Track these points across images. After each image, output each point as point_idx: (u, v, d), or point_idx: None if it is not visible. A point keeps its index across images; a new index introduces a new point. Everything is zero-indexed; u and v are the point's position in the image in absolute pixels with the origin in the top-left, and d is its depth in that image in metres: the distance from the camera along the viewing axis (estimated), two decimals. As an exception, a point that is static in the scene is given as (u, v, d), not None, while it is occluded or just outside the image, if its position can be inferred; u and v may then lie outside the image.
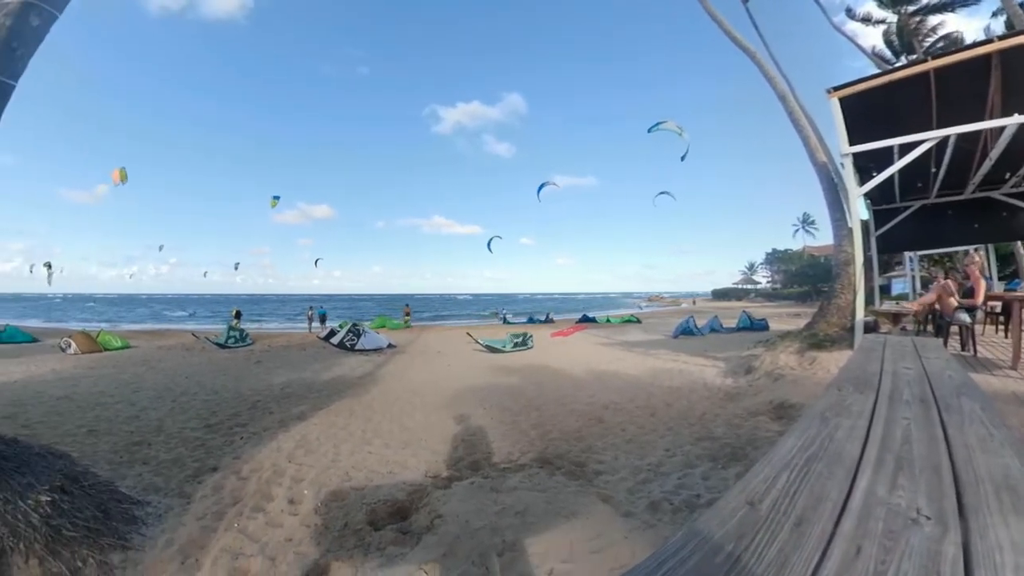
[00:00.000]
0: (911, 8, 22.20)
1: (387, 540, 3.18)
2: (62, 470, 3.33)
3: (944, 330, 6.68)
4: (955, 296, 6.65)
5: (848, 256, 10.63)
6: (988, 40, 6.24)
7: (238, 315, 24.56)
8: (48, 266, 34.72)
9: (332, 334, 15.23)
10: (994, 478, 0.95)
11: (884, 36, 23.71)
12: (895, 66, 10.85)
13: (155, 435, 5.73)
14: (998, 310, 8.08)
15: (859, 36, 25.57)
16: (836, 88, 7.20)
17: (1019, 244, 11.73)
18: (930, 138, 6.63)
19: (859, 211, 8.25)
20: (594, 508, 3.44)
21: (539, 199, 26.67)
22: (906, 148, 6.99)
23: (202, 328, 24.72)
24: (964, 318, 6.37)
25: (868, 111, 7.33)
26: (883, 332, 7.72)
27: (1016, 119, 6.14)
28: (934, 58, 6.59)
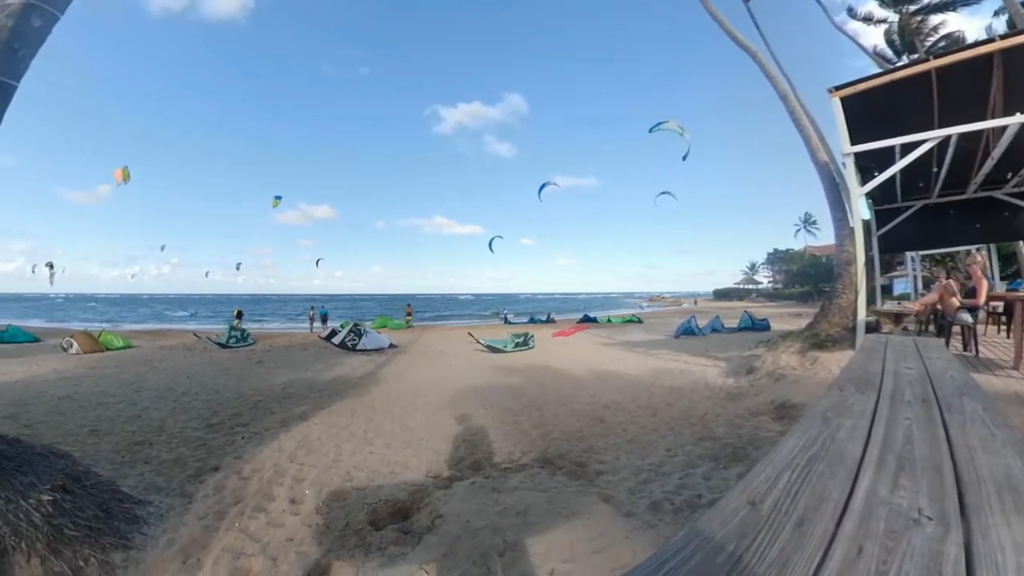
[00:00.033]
0: (912, 7, 22.18)
1: (388, 540, 3.18)
2: (64, 470, 3.34)
3: (946, 330, 6.66)
4: (957, 296, 6.63)
5: (850, 256, 10.61)
6: (990, 39, 6.23)
7: (240, 315, 24.60)
8: (50, 266, 34.80)
9: (333, 334, 15.24)
10: (996, 478, 0.95)
11: (885, 35, 23.71)
12: (896, 65, 10.83)
13: (157, 435, 5.74)
14: (1000, 310, 8.06)
15: (860, 35, 25.55)
16: (837, 88, 7.19)
17: (1021, 244, 11.69)
18: (932, 138, 6.62)
19: (861, 211, 8.24)
20: (595, 508, 3.44)
21: (540, 199, 26.72)
22: (908, 148, 6.97)
23: (204, 328, 24.77)
24: (966, 318, 6.35)
25: (869, 111, 7.32)
26: (885, 332, 7.71)
27: (1018, 118, 6.12)
28: (936, 57, 6.58)
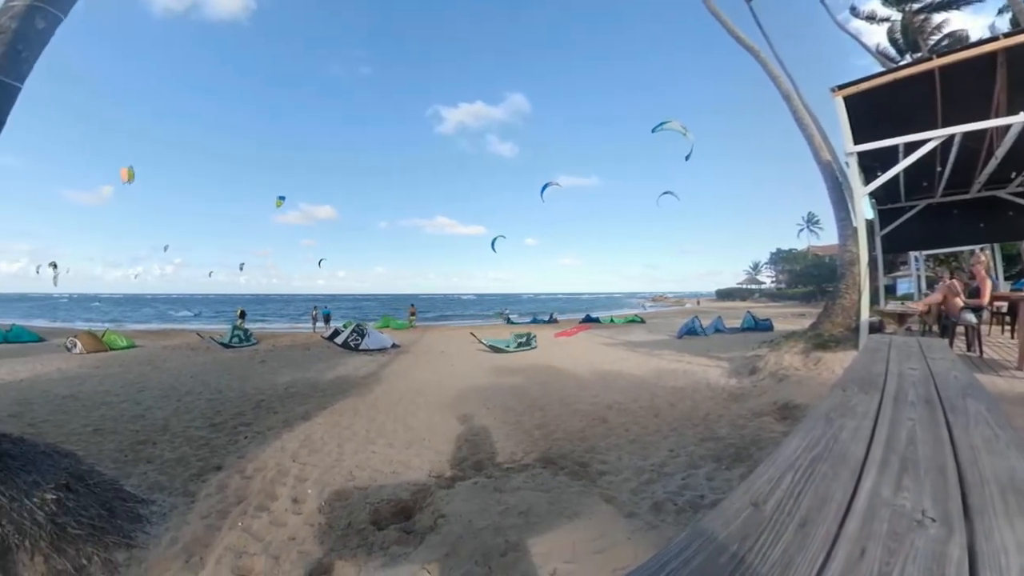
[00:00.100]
0: (915, 6, 22.09)
1: (390, 540, 3.19)
2: (68, 468, 3.35)
3: (950, 330, 6.63)
4: (961, 296, 6.60)
5: (853, 256, 10.56)
6: (994, 37, 6.18)
7: (243, 315, 24.71)
8: (54, 266, 34.94)
9: (336, 334, 15.28)
10: (1000, 480, 0.95)
11: (888, 34, 23.62)
12: (900, 64, 10.80)
13: (160, 434, 5.77)
14: (1004, 310, 8.02)
15: (863, 34, 25.41)
16: (840, 87, 7.15)
17: (1025, 244, 11.66)
18: (935, 137, 6.58)
19: (864, 210, 8.21)
20: (597, 508, 3.44)
21: (543, 200, 26.75)
22: (911, 147, 6.93)
23: (207, 328, 24.86)
24: (970, 318, 6.32)
25: (873, 110, 7.28)
26: (888, 332, 7.68)
27: (1022, 117, 6.08)
28: (939, 56, 6.54)
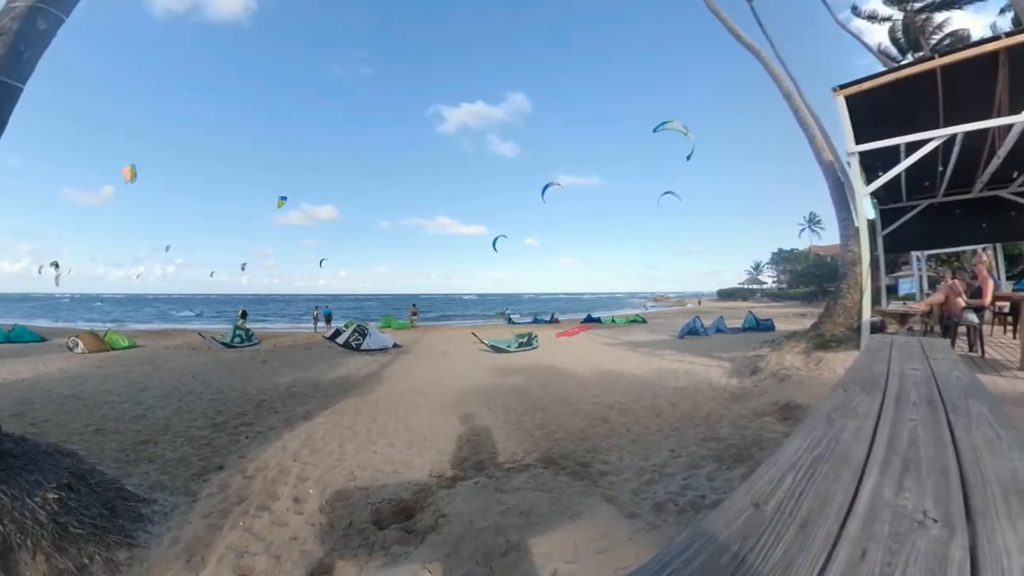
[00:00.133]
0: (917, 5, 22.04)
1: (391, 539, 3.19)
2: (69, 468, 3.36)
3: (951, 331, 6.62)
4: (963, 296, 6.59)
5: (855, 256, 10.54)
6: (996, 37, 6.16)
7: (244, 315, 24.73)
8: (55, 265, 35.05)
9: (338, 334, 15.31)
10: (1002, 481, 0.94)
11: (890, 33, 23.57)
12: (901, 64, 10.77)
13: (161, 434, 5.78)
14: (1006, 310, 8.01)
15: (865, 34, 25.38)
16: (842, 86, 7.13)
17: (1028, 243, 11.64)
18: (937, 136, 6.56)
19: (866, 210, 8.19)
20: (598, 509, 3.44)
21: (544, 200, 26.74)
22: (913, 147, 6.92)
23: (208, 328, 24.90)
24: (972, 318, 6.31)
25: (874, 109, 7.26)
26: (890, 333, 7.66)
27: (1025, 117, 6.07)
28: (941, 55, 6.52)
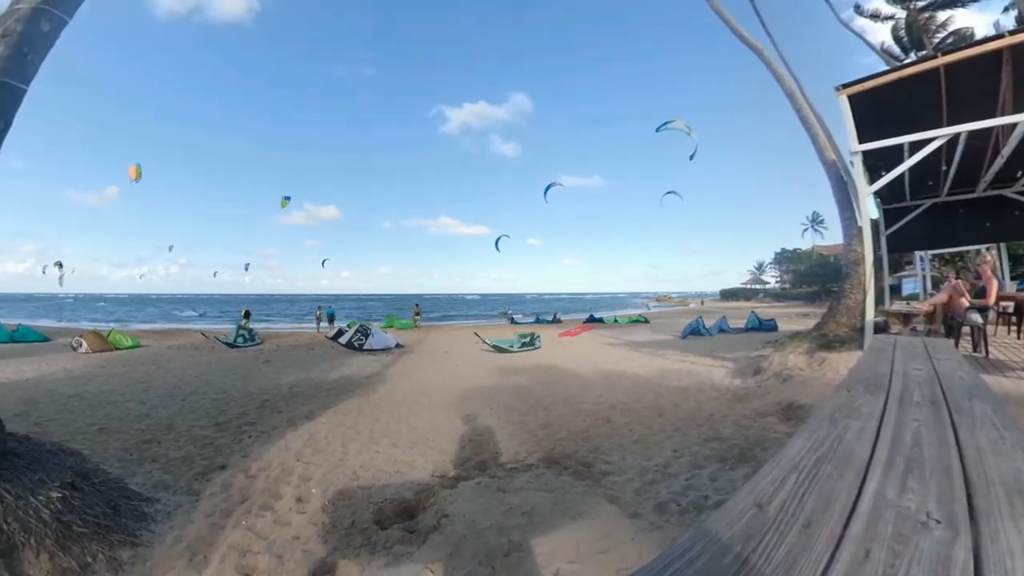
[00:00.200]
0: (920, 3, 21.96)
1: (393, 539, 3.19)
2: (73, 467, 3.37)
3: (955, 331, 6.59)
4: (966, 296, 6.57)
5: (858, 255, 10.51)
6: (999, 35, 6.13)
7: (247, 315, 24.74)
8: (59, 265, 35.10)
9: (340, 334, 15.31)
10: (1005, 481, 0.94)
11: (893, 32, 23.51)
12: (904, 63, 10.73)
13: (165, 433, 5.79)
14: (1010, 310, 7.98)
15: (867, 32, 25.27)
16: (845, 85, 7.11)
17: (1032, 243, 11.59)
18: (940, 135, 6.53)
19: (869, 210, 8.16)
20: (601, 509, 3.44)
21: (546, 200, 26.68)
22: (916, 146, 6.89)
23: (212, 328, 24.95)
24: (976, 319, 6.29)
25: (877, 108, 7.24)
26: (893, 333, 7.64)
27: (1029, 116, 6.04)
28: (944, 54, 6.49)
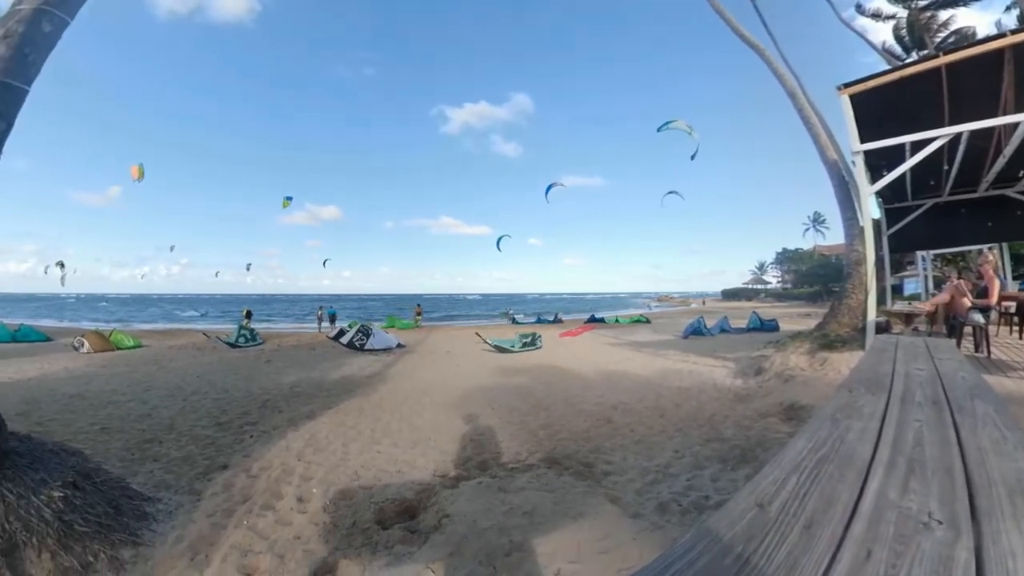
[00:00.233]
0: (922, 3, 21.91)
1: (395, 539, 3.20)
2: (74, 467, 3.38)
3: (957, 331, 6.57)
4: (968, 296, 6.55)
5: (860, 255, 10.49)
6: (1001, 35, 6.12)
7: (249, 315, 24.77)
8: (61, 265, 35.25)
9: (342, 334, 15.31)
10: (1007, 482, 0.94)
11: (894, 32, 23.44)
12: (906, 62, 10.71)
13: (166, 433, 5.80)
14: (1012, 310, 7.96)
15: (869, 32, 25.26)
16: (846, 85, 7.10)
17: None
18: (942, 135, 6.52)
19: (871, 210, 8.16)
20: (602, 509, 3.44)
21: (547, 200, 26.66)
22: (918, 145, 6.88)
23: (213, 328, 24.95)
24: (978, 319, 6.27)
25: (879, 108, 7.23)
26: (895, 333, 7.62)
27: (1031, 115, 6.02)
28: (945, 53, 6.48)
